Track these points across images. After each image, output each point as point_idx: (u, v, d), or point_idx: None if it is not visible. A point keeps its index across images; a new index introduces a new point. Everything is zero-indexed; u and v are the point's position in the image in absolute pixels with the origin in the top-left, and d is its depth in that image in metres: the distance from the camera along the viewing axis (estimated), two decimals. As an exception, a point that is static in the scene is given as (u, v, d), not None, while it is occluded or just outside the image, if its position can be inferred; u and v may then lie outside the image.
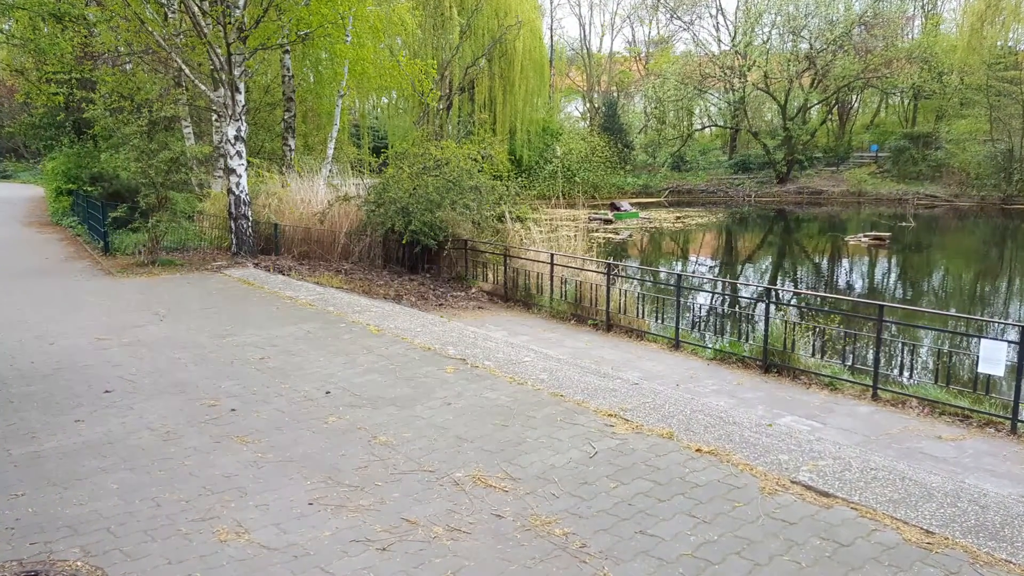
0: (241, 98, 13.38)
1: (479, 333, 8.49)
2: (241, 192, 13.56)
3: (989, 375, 6.60)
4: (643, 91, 48.96)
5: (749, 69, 41.33)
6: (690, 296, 11.91)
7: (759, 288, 16.54)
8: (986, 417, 6.66)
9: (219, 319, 8.90)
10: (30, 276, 12.37)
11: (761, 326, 8.62)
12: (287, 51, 17.86)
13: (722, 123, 48.23)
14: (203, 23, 12.96)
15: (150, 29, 13.53)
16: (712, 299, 11.64)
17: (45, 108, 21.81)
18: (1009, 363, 6.54)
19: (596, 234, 25.32)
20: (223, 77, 13.19)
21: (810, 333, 8.46)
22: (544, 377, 6.57)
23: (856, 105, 47.68)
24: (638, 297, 10.65)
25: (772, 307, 9.02)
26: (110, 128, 15.07)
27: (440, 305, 11.51)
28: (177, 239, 14.67)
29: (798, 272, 22.60)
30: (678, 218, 33.72)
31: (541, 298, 11.75)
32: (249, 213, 13.82)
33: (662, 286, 11.29)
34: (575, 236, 14.22)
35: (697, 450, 4.87)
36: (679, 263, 23.54)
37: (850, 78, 38.57)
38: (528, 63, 38.23)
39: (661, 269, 18.92)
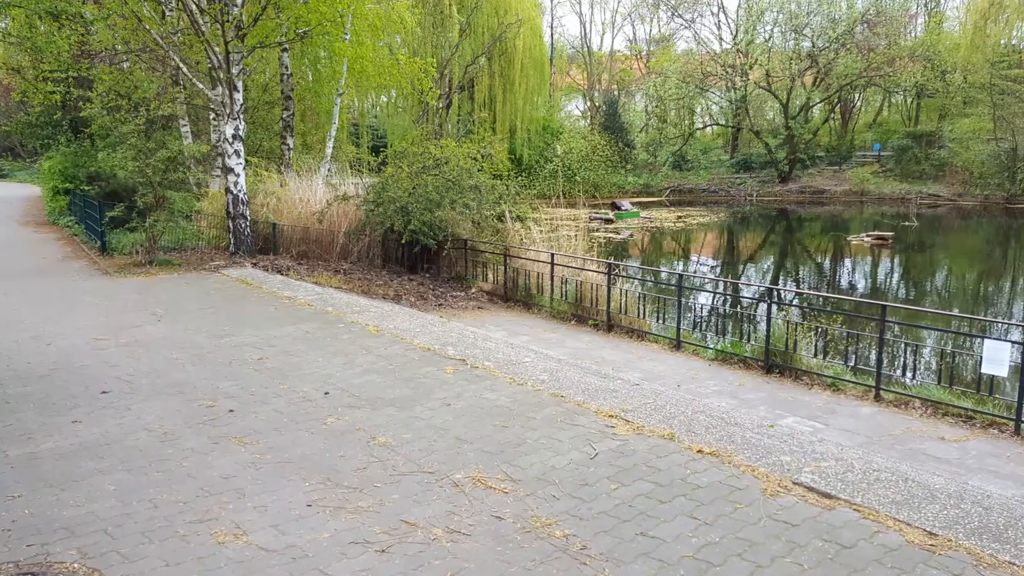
0: (239, 97, 13.34)
1: (479, 333, 8.46)
2: (239, 191, 13.53)
3: (993, 376, 6.56)
4: (644, 89, 48.92)
5: (751, 67, 41.27)
6: (691, 296, 11.88)
7: (761, 288, 16.51)
8: (989, 418, 6.62)
9: (217, 319, 8.87)
10: (27, 276, 12.34)
11: (763, 326, 8.58)
12: (285, 49, 17.82)
13: (724, 122, 48.17)
14: (201, 21, 12.93)
15: (147, 27, 13.50)
16: (714, 299, 11.59)
17: (42, 107, 21.75)
18: (1013, 364, 6.51)
19: (597, 234, 25.27)
20: (221, 75, 13.15)
21: (812, 333, 8.41)
22: (544, 378, 6.54)
23: (859, 104, 47.59)
24: (639, 297, 10.61)
25: (774, 307, 8.97)
26: (107, 127, 15.02)
27: (440, 305, 11.48)
28: (175, 239, 14.63)
29: (800, 272, 22.57)
30: (679, 217, 33.68)
31: (541, 298, 11.71)
32: (247, 212, 13.79)
33: (663, 286, 11.24)
34: (575, 236, 14.16)
35: (699, 451, 4.85)
36: (680, 263, 23.50)
37: (852, 76, 38.50)
38: (528, 61, 38.15)
39: (662, 269, 18.87)
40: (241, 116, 13.45)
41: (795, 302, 12.37)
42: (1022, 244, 26.86)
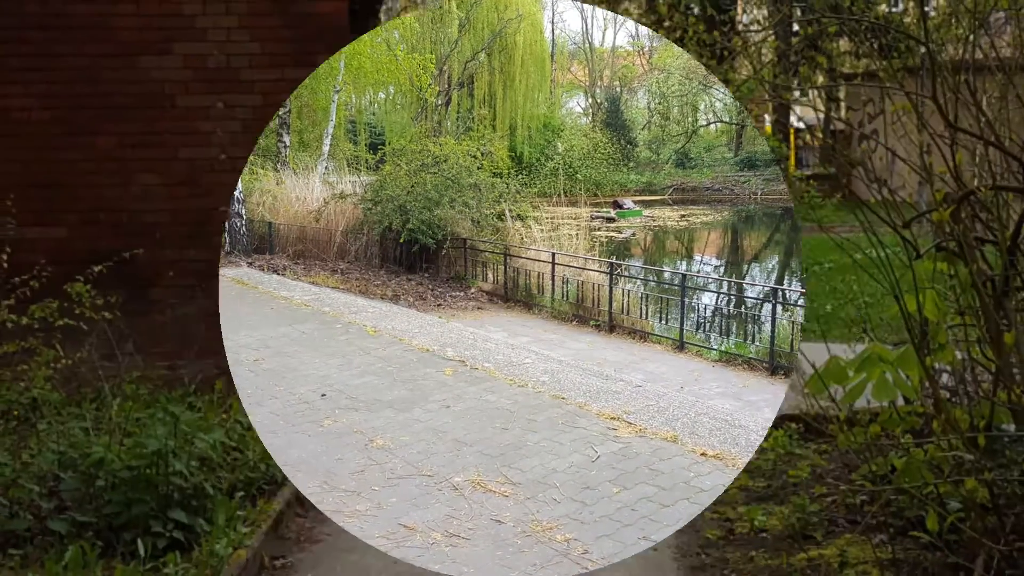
0: (238, 94, 13.27)
1: (478, 334, 8.44)
2: (235, 190, 13.46)
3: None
4: (647, 86, 48.83)
5: (753, 64, 41.15)
6: (695, 296, 11.80)
7: (765, 288, 16.42)
8: (997, 418, 6.53)
9: (215, 319, 8.81)
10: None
11: (768, 327, 8.52)
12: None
13: (728, 119, 48.05)
14: (200, 19, 12.86)
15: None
16: (717, 299, 11.52)
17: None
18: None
19: (598, 232, 25.16)
20: (220, 73, 13.08)
21: (817, 333, 8.33)
22: (545, 379, 6.50)
23: (862, 101, 47.49)
24: (641, 297, 10.56)
25: (779, 307, 8.91)
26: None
27: (438, 305, 11.44)
28: (171, 238, 14.56)
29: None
30: (682, 216, 33.56)
31: (542, 298, 11.65)
32: (243, 211, 13.75)
33: (666, 286, 11.19)
34: (577, 235, 14.13)
35: (702, 454, 4.81)
36: (683, 262, 23.43)
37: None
38: (529, 58, 38.00)
39: (665, 268, 18.79)
40: (239, 114, 13.38)
41: (800, 302, 12.27)
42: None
